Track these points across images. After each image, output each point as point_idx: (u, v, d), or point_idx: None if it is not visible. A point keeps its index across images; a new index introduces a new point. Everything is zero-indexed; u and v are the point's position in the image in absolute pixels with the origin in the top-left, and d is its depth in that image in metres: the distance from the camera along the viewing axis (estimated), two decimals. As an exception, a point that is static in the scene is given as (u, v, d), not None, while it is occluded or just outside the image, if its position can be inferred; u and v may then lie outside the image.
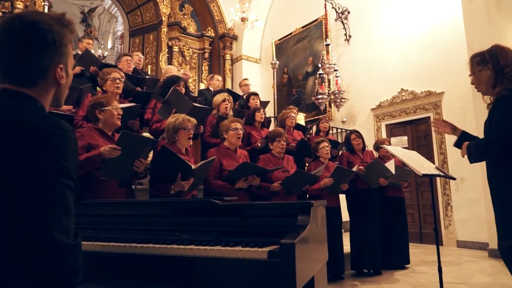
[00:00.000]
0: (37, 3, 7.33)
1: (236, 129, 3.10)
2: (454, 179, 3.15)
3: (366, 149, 4.55)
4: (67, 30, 0.93)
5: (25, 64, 0.87)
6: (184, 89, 3.59)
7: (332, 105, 7.87)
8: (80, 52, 4.63)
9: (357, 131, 4.52)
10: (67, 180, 0.81)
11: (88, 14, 14.71)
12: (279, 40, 9.63)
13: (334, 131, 7.36)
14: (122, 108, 2.57)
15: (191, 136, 2.72)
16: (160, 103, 3.31)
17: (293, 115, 4.49)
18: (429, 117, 6.44)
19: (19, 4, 7.11)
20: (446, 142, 6.05)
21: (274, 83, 8.38)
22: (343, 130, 7.42)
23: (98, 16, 15.18)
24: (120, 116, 2.49)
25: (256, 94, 4.77)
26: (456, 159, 5.83)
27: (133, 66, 4.83)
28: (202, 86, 8.67)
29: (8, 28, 0.87)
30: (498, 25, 4.98)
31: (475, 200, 5.47)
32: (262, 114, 4.14)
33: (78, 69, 4.14)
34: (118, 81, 3.13)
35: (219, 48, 10.27)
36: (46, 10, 6.58)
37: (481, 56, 1.91)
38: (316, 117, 7.70)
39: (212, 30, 10.16)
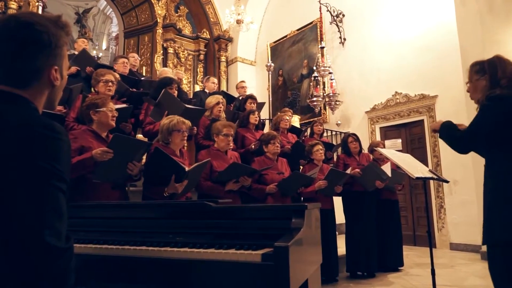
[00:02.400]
0: (31, 3, 7.27)
1: (227, 135, 3.06)
2: (447, 182, 3.18)
3: (363, 151, 4.57)
4: (63, 32, 0.92)
5: (19, 65, 0.87)
6: (176, 91, 3.58)
7: (327, 107, 7.90)
8: (76, 53, 4.60)
9: (354, 134, 4.55)
10: (59, 183, 0.80)
11: (83, 15, 14.64)
12: (274, 42, 9.66)
13: (329, 133, 7.39)
14: (116, 109, 2.56)
15: (185, 138, 2.72)
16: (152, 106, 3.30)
17: (287, 117, 4.50)
18: (423, 120, 6.49)
19: (13, 4, 7.06)
20: (439, 145, 6.09)
21: (269, 85, 8.39)
22: (337, 132, 7.45)
23: (92, 17, 15.11)
24: (114, 118, 2.48)
25: (253, 98, 4.74)
26: (449, 162, 5.88)
27: (129, 68, 4.80)
28: (197, 88, 8.67)
29: (4, 29, 0.86)
30: (491, 29, 5.03)
31: (468, 203, 5.51)
32: (256, 117, 4.13)
33: (74, 69, 4.11)
34: (110, 83, 3.11)
35: (214, 50, 10.27)
36: (40, 11, 6.53)
37: (481, 65, 1.90)
38: (311, 120, 7.72)
39: (207, 32, 10.16)
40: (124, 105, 3.16)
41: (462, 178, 5.65)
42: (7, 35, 0.86)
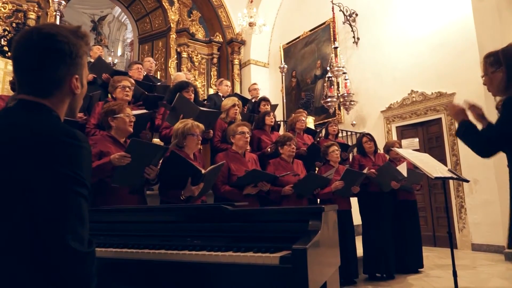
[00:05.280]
0: (49, 13, 7.48)
1: (243, 133, 3.09)
2: (467, 181, 3.11)
3: (378, 152, 4.51)
4: (83, 42, 0.95)
5: (42, 74, 0.90)
6: (193, 95, 3.60)
7: (342, 108, 7.84)
8: (92, 60, 4.70)
9: (369, 134, 4.50)
10: (81, 189, 0.82)
11: (98, 22, 14.97)
12: (287, 44, 9.65)
13: (344, 134, 7.32)
14: (135, 115, 2.60)
15: (200, 141, 2.74)
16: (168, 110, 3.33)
17: (304, 118, 4.47)
18: (440, 119, 6.36)
19: (32, 14, 7.27)
20: (458, 143, 5.96)
21: (282, 87, 8.39)
22: (353, 133, 7.38)
23: (108, 24, 15.44)
24: (132, 123, 2.52)
25: (267, 100, 4.74)
26: (469, 161, 5.74)
27: (145, 73, 4.87)
28: (211, 92, 8.74)
29: (27, 40, 0.90)
30: (510, 23, 4.90)
31: (489, 202, 5.37)
32: (272, 118, 4.13)
33: (90, 76, 4.19)
34: (127, 89, 3.17)
35: (227, 53, 10.33)
36: (58, 20, 6.71)
37: (495, 56, 1.80)
38: (326, 120, 7.68)
39: (220, 36, 10.24)
40: (143, 111, 3.20)
41: (483, 177, 5.51)
42: (30, 46, 0.89)
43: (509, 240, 1.65)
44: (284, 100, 8.32)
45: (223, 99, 4.84)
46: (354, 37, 7.97)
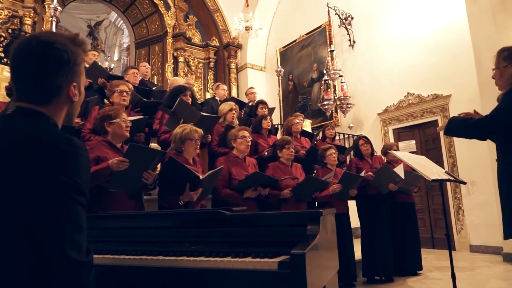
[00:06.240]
0: (45, 19, 7.47)
1: (244, 137, 3.11)
2: (464, 183, 3.11)
3: (375, 154, 4.52)
4: (80, 49, 0.96)
5: (40, 82, 0.90)
6: (190, 99, 3.60)
7: (338, 110, 7.86)
8: (87, 65, 4.69)
9: (365, 137, 4.51)
10: (79, 197, 0.82)
11: (95, 27, 14.96)
12: (284, 47, 9.68)
13: (341, 136, 7.34)
14: (130, 121, 2.60)
15: (198, 146, 2.74)
16: (167, 115, 3.32)
17: (298, 121, 4.47)
18: (436, 121, 6.39)
19: (28, 20, 7.26)
20: (455, 145, 5.98)
21: (279, 91, 8.38)
22: (350, 135, 7.40)
23: (104, 29, 15.43)
24: (128, 128, 2.52)
25: (264, 103, 4.75)
26: (466, 162, 5.76)
27: (140, 78, 4.87)
28: (208, 96, 8.74)
29: (25, 48, 0.90)
30: (504, 26, 4.94)
31: (487, 204, 5.38)
32: (269, 122, 4.14)
33: (86, 81, 4.17)
34: (125, 93, 3.16)
35: (224, 57, 10.36)
36: (54, 25, 6.70)
37: (509, 51, 1.88)
38: (323, 123, 7.69)
39: (216, 40, 10.26)
40: (139, 117, 3.20)
41: (480, 178, 5.52)
42: (28, 54, 0.89)
43: (505, 231, 1.68)
44: (281, 104, 8.31)
45: (220, 103, 4.84)
46: (350, 40, 8.02)
